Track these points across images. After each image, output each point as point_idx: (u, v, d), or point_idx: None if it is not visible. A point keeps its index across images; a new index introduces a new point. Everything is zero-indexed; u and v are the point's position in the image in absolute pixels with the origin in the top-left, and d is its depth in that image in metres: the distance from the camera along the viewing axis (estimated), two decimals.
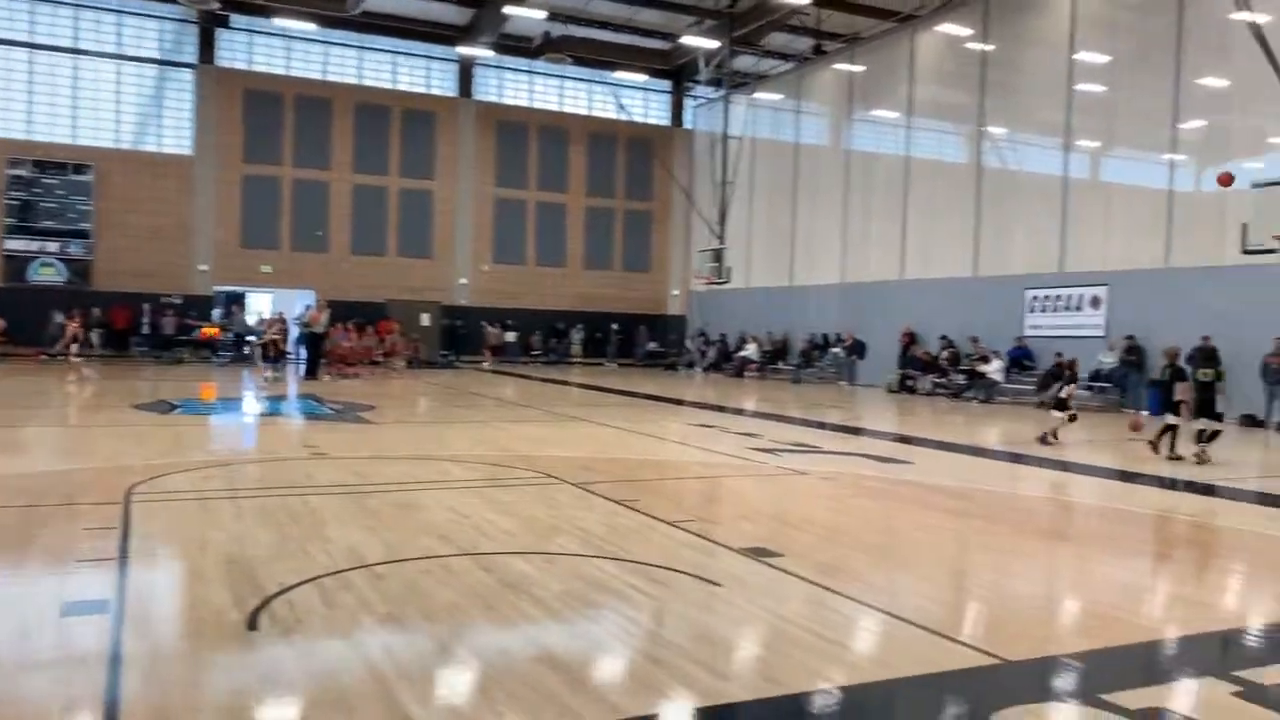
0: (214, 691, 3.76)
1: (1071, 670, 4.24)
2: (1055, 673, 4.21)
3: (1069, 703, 3.88)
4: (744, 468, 10.35)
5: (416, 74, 33.14)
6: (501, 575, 5.50)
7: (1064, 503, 9.34)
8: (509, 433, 13.01)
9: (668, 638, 4.52)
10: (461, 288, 33.67)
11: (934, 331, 24.55)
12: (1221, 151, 19.72)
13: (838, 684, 3.96)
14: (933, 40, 25.80)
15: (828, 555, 6.23)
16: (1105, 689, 3.96)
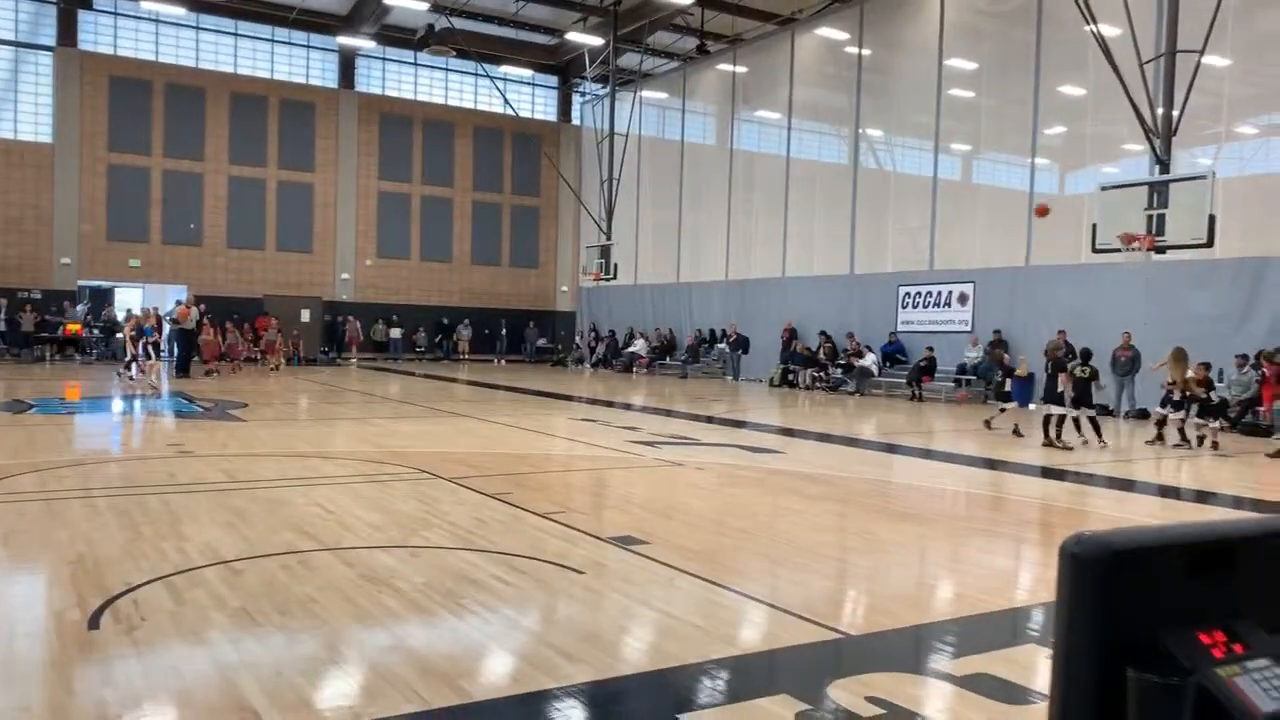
0: (46, 690, 3.66)
1: (905, 642, 4.48)
2: (890, 644, 4.45)
3: (900, 672, 4.11)
4: (621, 460, 10.48)
5: (295, 64, 32.24)
6: (363, 569, 5.47)
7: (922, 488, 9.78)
8: (386, 429, 12.85)
9: (523, 624, 4.59)
10: (344, 283, 32.94)
11: (814, 327, 25.23)
12: (1079, 156, 20.89)
13: (683, 661, 4.10)
14: (812, 43, 26.49)
15: (691, 541, 6.40)
16: (933, 659, 4.21)
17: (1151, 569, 1.45)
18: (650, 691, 3.80)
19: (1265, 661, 1.47)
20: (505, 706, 3.63)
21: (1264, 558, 1.57)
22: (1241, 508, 8.75)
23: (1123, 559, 1.40)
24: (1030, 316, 19.75)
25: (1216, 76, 17.91)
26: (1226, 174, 18.46)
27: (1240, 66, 18.20)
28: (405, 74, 33.89)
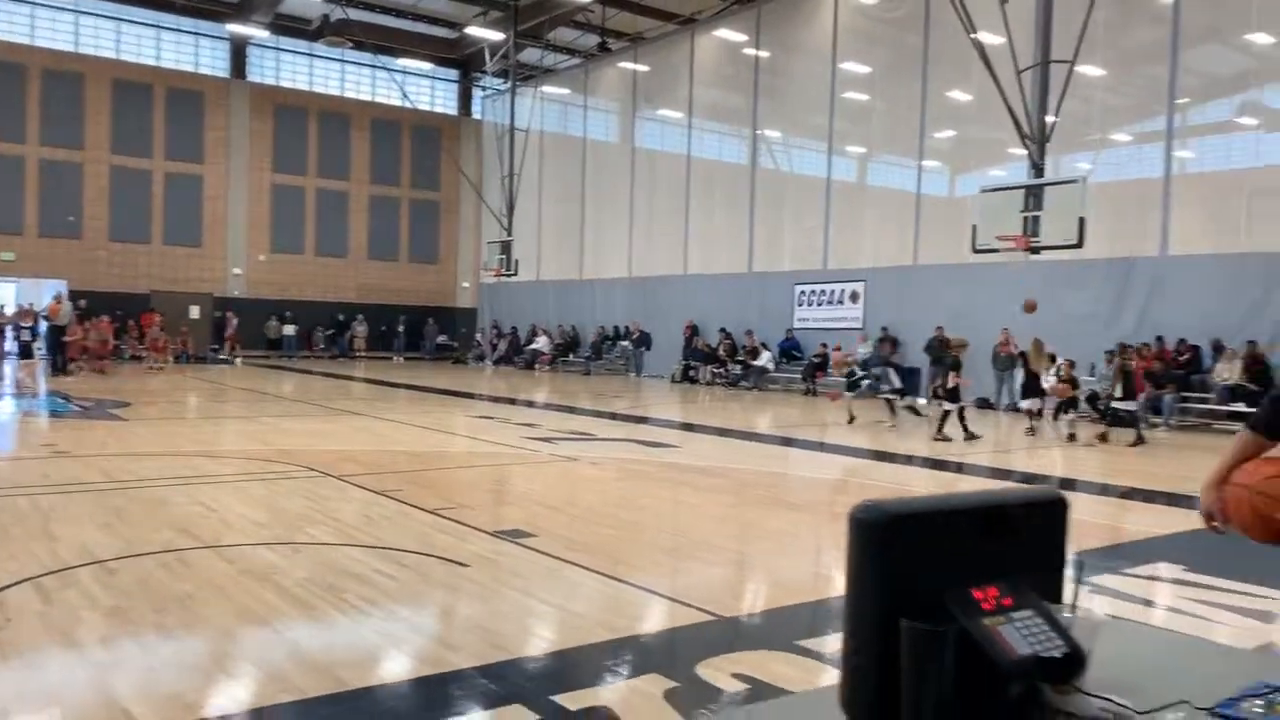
0: None
1: (777, 622, 4.69)
2: (762, 625, 4.65)
3: (768, 650, 4.30)
4: (516, 457, 10.54)
5: (183, 51, 31.14)
6: (243, 565, 5.44)
7: (810, 479, 10.11)
8: (276, 428, 12.61)
9: (404, 615, 4.64)
10: (236, 278, 32.00)
11: (714, 324, 25.61)
12: (967, 159, 21.73)
13: (561, 647, 4.22)
14: (711, 44, 26.87)
15: (579, 534, 6.52)
16: (801, 637, 4.42)
17: (929, 532, 1.63)
18: (524, 675, 3.90)
19: (1028, 613, 1.67)
20: (383, 693, 3.69)
21: (1033, 523, 1.78)
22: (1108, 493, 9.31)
23: (900, 523, 1.58)
24: (917, 314, 20.46)
25: (1092, 86, 18.89)
26: (1103, 178, 19.51)
27: (1114, 77, 19.24)
28: (300, 64, 33.09)
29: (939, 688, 1.50)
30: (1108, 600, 5.36)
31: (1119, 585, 5.66)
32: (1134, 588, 5.62)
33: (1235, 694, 1.64)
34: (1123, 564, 6.12)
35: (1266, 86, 17.88)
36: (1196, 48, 18.12)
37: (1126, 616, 5.02)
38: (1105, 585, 5.67)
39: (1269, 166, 17.53)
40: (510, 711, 3.51)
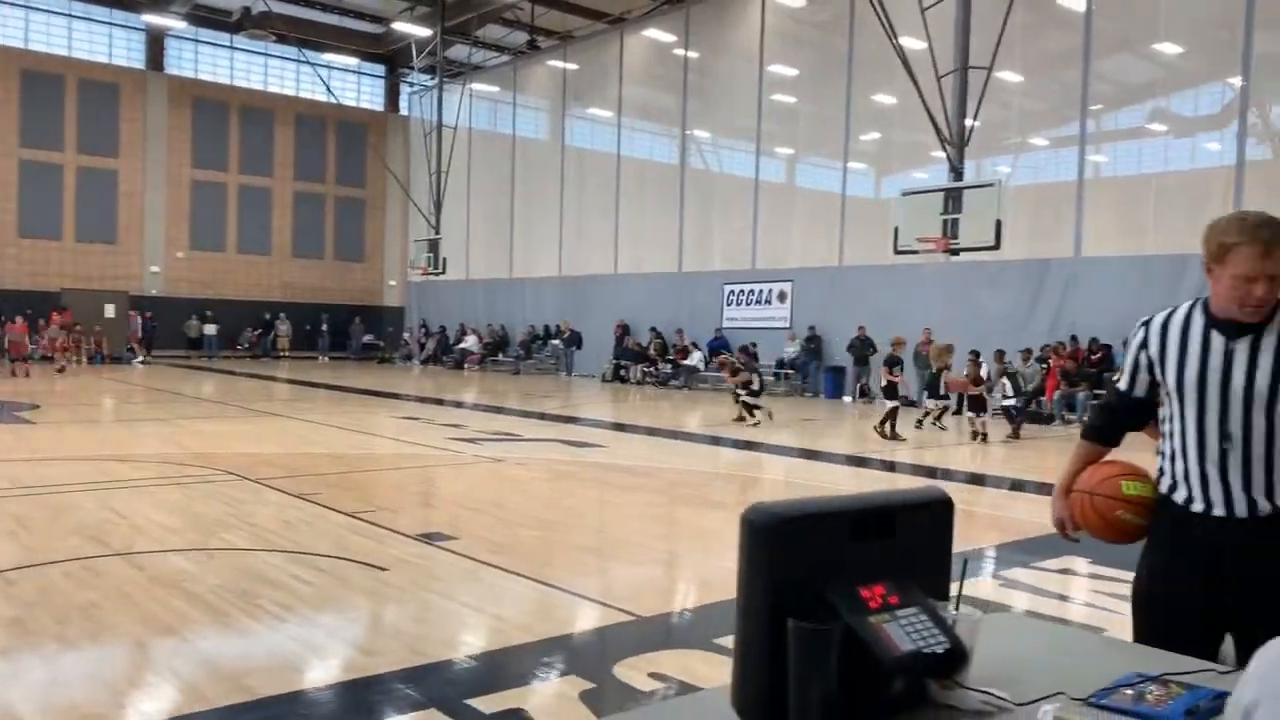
0: None
1: (696, 622, 4.73)
2: (681, 625, 4.69)
3: (686, 649, 4.34)
4: (440, 458, 10.44)
5: (97, 42, 30.11)
6: (153, 573, 5.29)
7: (736, 477, 10.21)
8: (194, 431, 12.29)
9: (319, 620, 4.56)
10: (153, 276, 31.06)
11: (645, 323, 25.66)
12: (892, 162, 22.12)
13: (478, 650, 4.20)
14: (641, 44, 26.92)
15: (500, 535, 6.49)
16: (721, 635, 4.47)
17: (817, 533, 1.67)
18: (441, 680, 3.87)
19: (913, 610, 1.71)
20: (295, 701, 3.63)
21: (919, 523, 1.83)
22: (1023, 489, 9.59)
23: (788, 524, 1.62)
24: (842, 314, 20.79)
25: (1012, 91, 19.41)
26: (1022, 181, 20.06)
27: (1031, 82, 19.78)
28: (221, 57, 32.25)
29: (825, 685, 1.53)
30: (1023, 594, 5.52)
31: (1030, 579, 5.84)
32: (1045, 581, 5.80)
33: (1109, 685, 1.71)
34: (1033, 558, 6.31)
35: (1175, 95, 18.57)
36: (1109, 56, 18.74)
37: (1039, 609, 5.18)
38: (1017, 579, 5.84)
39: (1176, 171, 18.22)
40: (425, 717, 3.49)
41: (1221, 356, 2.46)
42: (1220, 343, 2.47)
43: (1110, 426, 2.75)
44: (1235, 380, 2.44)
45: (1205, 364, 2.48)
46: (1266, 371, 2.42)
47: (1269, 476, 2.41)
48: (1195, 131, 18.29)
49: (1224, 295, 2.43)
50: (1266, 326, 2.44)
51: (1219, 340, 2.47)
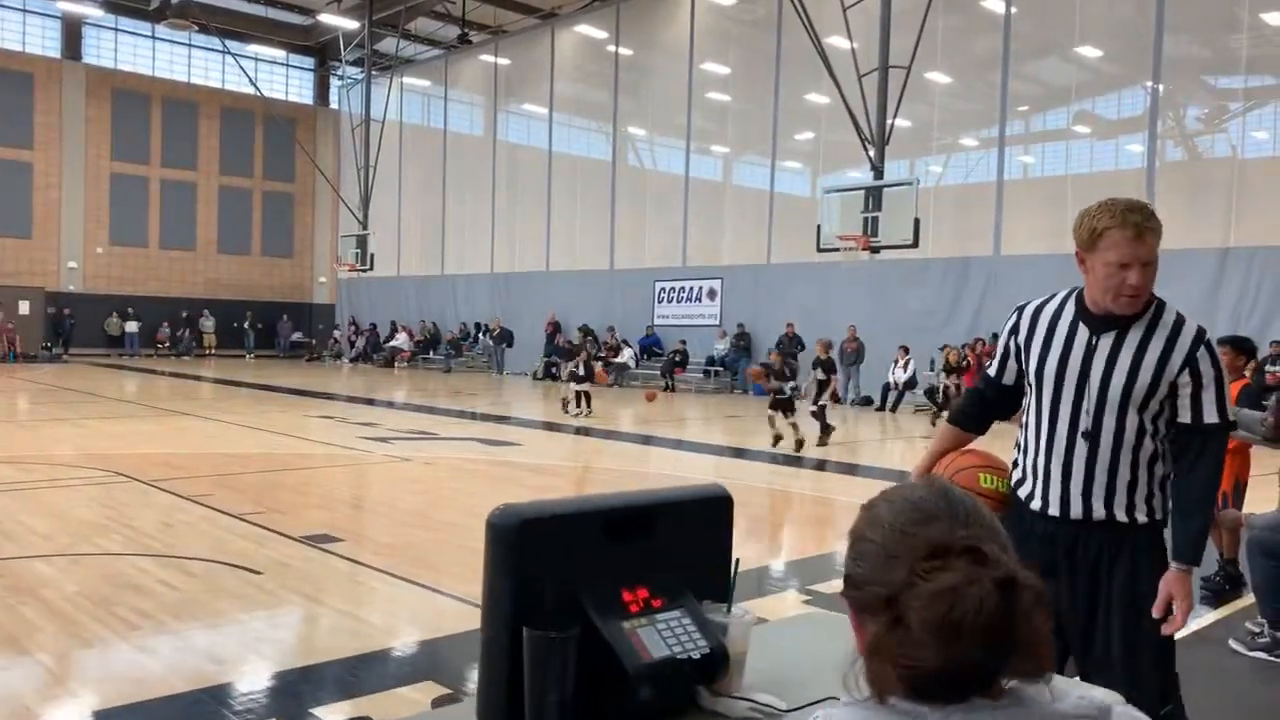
0: None
1: None
2: None
3: None
4: (347, 457, 10.21)
5: (9, 29, 29.03)
6: (11, 579, 5.04)
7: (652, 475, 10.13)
8: (95, 431, 11.87)
9: (175, 628, 4.37)
10: (71, 272, 30.08)
11: (576, 321, 25.52)
12: (825, 160, 22.22)
13: (338, 656, 4.05)
14: (572, 39, 26.76)
15: (390, 536, 6.33)
16: None
17: (569, 534, 1.57)
18: (290, 688, 3.72)
19: (677, 614, 1.63)
20: (127, 714, 3.45)
21: (686, 521, 1.74)
22: None
23: (533, 527, 1.52)
24: (770, 312, 20.89)
25: (940, 92, 19.65)
26: (951, 181, 20.33)
27: (959, 84, 20.04)
28: (141, 47, 31.32)
29: (561, 694, 1.45)
30: None
31: None
32: None
33: None
34: None
35: (1098, 98, 18.96)
36: (1032, 59, 19.07)
37: None
38: None
39: (1099, 172, 18.60)
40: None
41: (1084, 350, 2.36)
42: (1084, 335, 2.37)
43: (978, 414, 2.64)
44: (1092, 376, 2.34)
45: (1066, 356, 2.38)
46: (1124, 370, 2.31)
47: (1111, 482, 2.33)
48: (1117, 134, 18.70)
49: (1098, 285, 2.32)
50: (1134, 323, 2.33)
51: (1084, 333, 2.37)
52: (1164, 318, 2.33)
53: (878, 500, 1.05)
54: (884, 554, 0.96)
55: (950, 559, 0.91)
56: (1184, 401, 2.30)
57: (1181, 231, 16.64)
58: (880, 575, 0.95)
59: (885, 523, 0.99)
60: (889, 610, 0.91)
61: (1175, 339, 2.30)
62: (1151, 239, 2.27)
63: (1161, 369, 2.28)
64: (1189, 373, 2.28)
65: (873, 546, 0.99)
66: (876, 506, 1.03)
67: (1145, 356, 2.29)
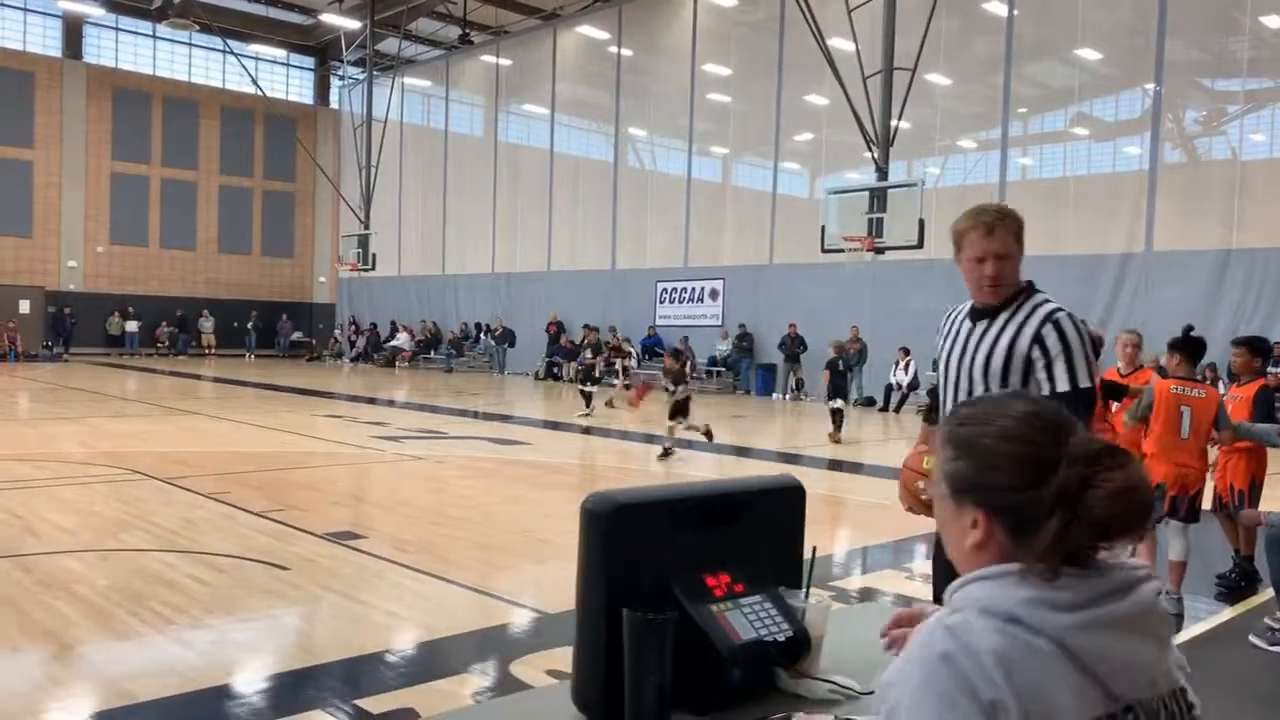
0: None
1: None
2: None
3: None
4: (359, 456, 10.25)
5: (10, 28, 29.01)
6: (41, 575, 5.09)
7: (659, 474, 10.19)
8: (104, 430, 11.90)
9: (211, 622, 4.42)
10: (71, 271, 30.06)
11: (578, 321, 25.54)
12: (826, 161, 22.30)
13: (373, 650, 4.11)
14: (574, 40, 26.81)
15: (410, 534, 6.38)
16: None
17: (659, 521, 1.63)
18: (333, 681, 3.78)
19: (758, 598, 1.69)
20: (176, 704, 3.51)
21: (764, 510, 1.80)
22: None
23: (628, 512, 1.58)
24: (772, 312, 20.96)
25: (940, 93, 19.74)
26: (950, 183, 20.40)
27: (958, 85, 20.12)
28: (142, 47, 31.31)
29: (660, 675, 1.50)
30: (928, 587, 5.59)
31: None
32: None
33: None
34: None
35: (1096, 100, 19.05)
36: (1032, 61, 19.16)
37: None
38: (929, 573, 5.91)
39: (1097, 174, 18.70)
40: (309, 718, 3.39)
41: (964, 338, 2.72)
42: (967, 327, 2.72)
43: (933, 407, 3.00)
44: (965, 359, 2.70)
45: (954, 346, 2.76)
46: (985, 350, 2.64)
47: None
48: (1115, 136, 18.79)
49: (969, 281, 2.67)
50: (1003, 311, 2.64)
51: (967, 324, 2.73)
52: (1028, 304, 2.65)
53: (988, 414, 1.14)
54: (1034, 461, 1.07)
55: (1105, 461, 1.06)
56: (1039, 374, 2.59)
57: (1182, 233, 16.77)
58: (1032, 479, 1.07)
59: (1022, 436, 1.10)
60: (1060, 509, 1.04)
61: (1028, 320, 2.62)
62: (1003, 233, 2.60)
63: (1013, 347, 2.61)
64: (1038, 348, 2.59)
65: (1014, 455, 1.09)
66: (993, 421, 1.12)
67: (1002, 337, 2.63)
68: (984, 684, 0.98)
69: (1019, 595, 1.04)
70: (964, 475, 1.12)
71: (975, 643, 1.00)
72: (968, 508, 1.12)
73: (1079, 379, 2.56)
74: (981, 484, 1.11)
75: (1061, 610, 1.03)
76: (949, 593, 1.12)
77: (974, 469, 1.12)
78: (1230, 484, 5.37)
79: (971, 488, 1.12)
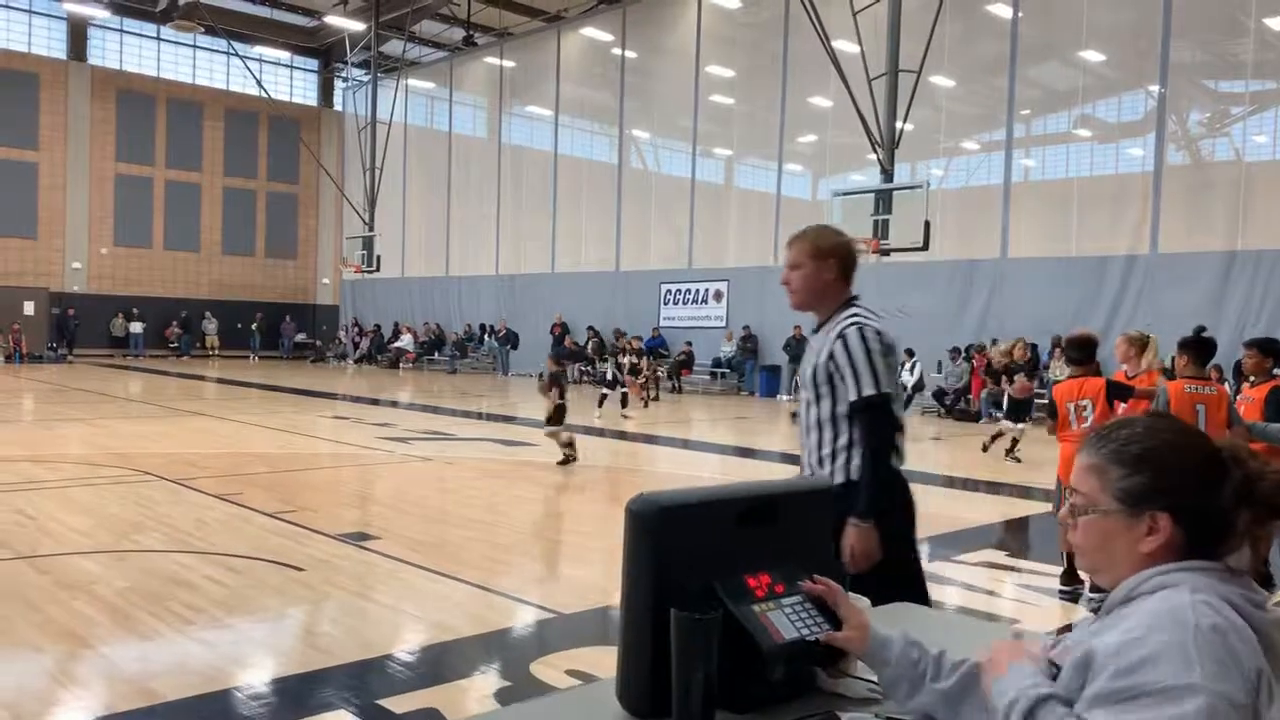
0: None
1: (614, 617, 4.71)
2: (598, 621, 4.67)
3: (603, 646, 4.32)
4: (368, 457, 10.28)
5: (15, 30, 29.06)
6: (59, 576, 5.12)
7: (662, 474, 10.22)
8: (112, 431, 11.93)
9: (230, 623, 4.45)
10: (76, 273, 30.10)
11: (582, 322, 25.60)
12: (829, 163, 22.33)
13: (391, 650, 4.13)
14: (578, 42, 26.85)
15: (423, 534, 6.40)
16: None
17: (701, 522, 1.66)
18: (354, 681, 3.80)
19: (798, 599, 1.71)
20: (199, 704, 3.53)
21: (802, 511, 1.83)
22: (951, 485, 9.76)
23: (671, 514, 1.60)
24: (777, 314, 20.96)
25: (944, 95, 19.76)
26: (954, 184, 20.42)
27: (962, 87, 20.15)
28: (147, 48, 31.36)
29: (707, 674, 1.53)
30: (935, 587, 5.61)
31: (952, 572, 5.94)
32: (964, 574, 5.90)
33: None
34: (954, 551, 6.43)
35: (1099, 101, 19.07)
36: (1036, 63, 19.18)
37: (955, 601, 5.27)
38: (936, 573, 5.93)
39: (1100, 175, 18.71)
40: (334, 718, 3.42)
41: (808, 350, 2.98)
42: (811, 340, 3.00)
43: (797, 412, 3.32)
44: (803, 370, 2.96)
45: (804, 357, 3.03)
46: (811, 364, 2.87)
47: (819, 450, 2.88)
48: (1119, 138, 18.81)
49: None
50: (824, 326, 2.87)
51: (812, 338, 3.01)
52: (836, 318, 2.85)
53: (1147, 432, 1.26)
54: (1210, 463, 1.21)
55: (1252, 458, 1.22)
56: (839, 385, 2.79)
57: (1186, 235, 16.79)
58: (1214, 478, 1.20)
59: (1190, 445, 1.24)
60: (1244, 503, 1.18)
61: (829, 334, 2.82)
62: (792, 249, 2.88)
63: (817, 359, 2.84)
64: (832, 361, 2.79)
65: (1191, 461, 1.22)
66: (1157, 436, 1.25)
67: (822, 351, 2.84)
68: (1251, 655, 1.08)
69: (1229, 589, 1.15)
70: (1144, 485, 1.22)
71: (1233, 619, 1.10)
72: (1145, 516, 1.22)
73: (863, 388, 2.74)
74: (1166, 488, 1.21)
75: (1258, 608, 1.14)
76: (1145, 577, 1.20)
77: (1154, 477, 1.22)
78: None
79: (1154, 494, 1.21)
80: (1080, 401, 5.30)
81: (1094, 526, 1.27)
